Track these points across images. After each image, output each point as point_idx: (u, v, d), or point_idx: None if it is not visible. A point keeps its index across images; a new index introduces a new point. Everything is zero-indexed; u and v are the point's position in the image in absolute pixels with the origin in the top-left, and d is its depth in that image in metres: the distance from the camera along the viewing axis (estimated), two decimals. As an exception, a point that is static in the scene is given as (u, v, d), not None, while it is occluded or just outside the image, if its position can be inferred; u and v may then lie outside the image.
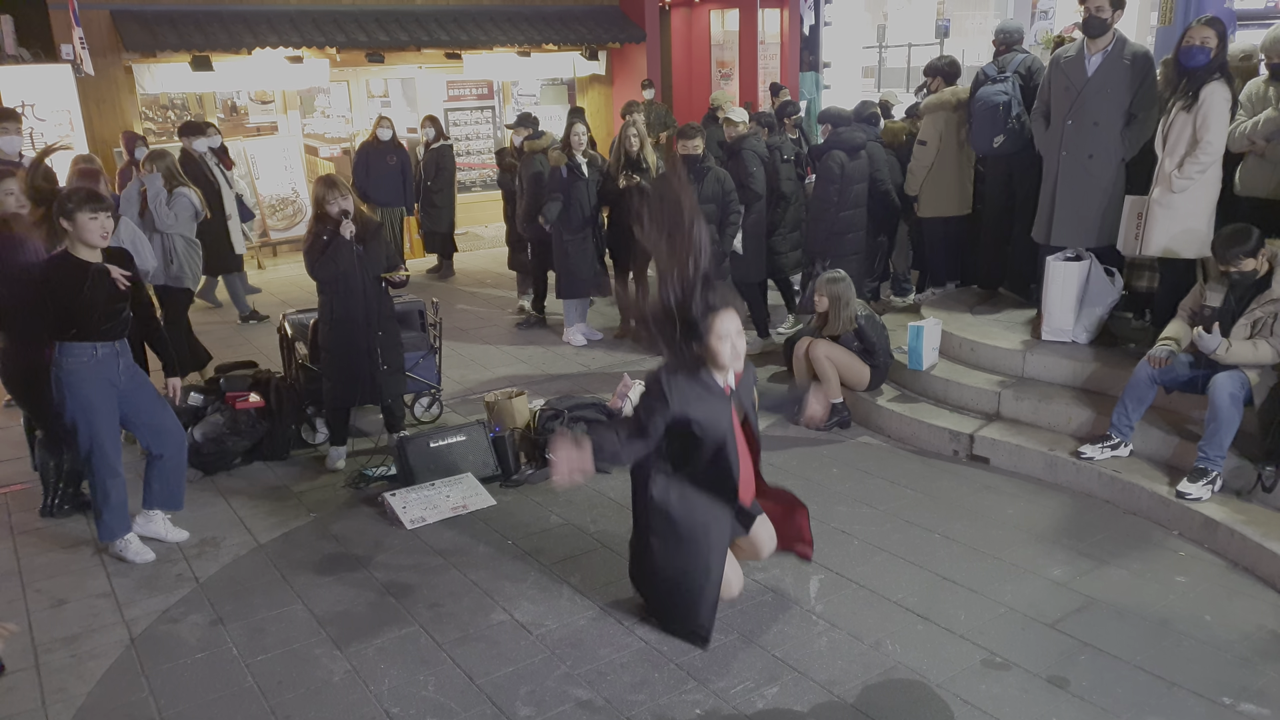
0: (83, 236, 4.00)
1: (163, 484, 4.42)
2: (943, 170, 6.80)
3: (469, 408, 6.12)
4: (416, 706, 3.26)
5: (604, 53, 12.95)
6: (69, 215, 3.97)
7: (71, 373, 4.07)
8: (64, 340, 4.05)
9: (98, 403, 4.11)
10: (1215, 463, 4.28)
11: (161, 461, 4.37)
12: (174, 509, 4.51)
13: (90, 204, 3.98)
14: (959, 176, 6.80)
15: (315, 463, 5.37)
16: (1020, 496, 4.69)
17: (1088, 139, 5.26)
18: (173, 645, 3.66)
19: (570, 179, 7.02)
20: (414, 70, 12.20)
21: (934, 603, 3.78)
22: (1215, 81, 4.78)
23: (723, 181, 6.07)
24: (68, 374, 4.07)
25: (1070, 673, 3.32)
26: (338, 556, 4.32)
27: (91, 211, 3.98)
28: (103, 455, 4.16)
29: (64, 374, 4.07)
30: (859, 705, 3.19)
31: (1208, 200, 4.93)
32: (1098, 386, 5.18)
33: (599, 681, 3.35)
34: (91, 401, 4.09)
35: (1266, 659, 3.38)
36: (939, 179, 6.82)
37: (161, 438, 4.34)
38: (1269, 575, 3.86)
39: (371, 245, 4.99)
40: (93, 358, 4.08)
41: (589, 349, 7.42)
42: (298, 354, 5.72)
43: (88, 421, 4.11)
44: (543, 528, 4.52)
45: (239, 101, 11.68)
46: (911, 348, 5.71)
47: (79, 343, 4.05)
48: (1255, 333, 4.31)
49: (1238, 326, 4.36)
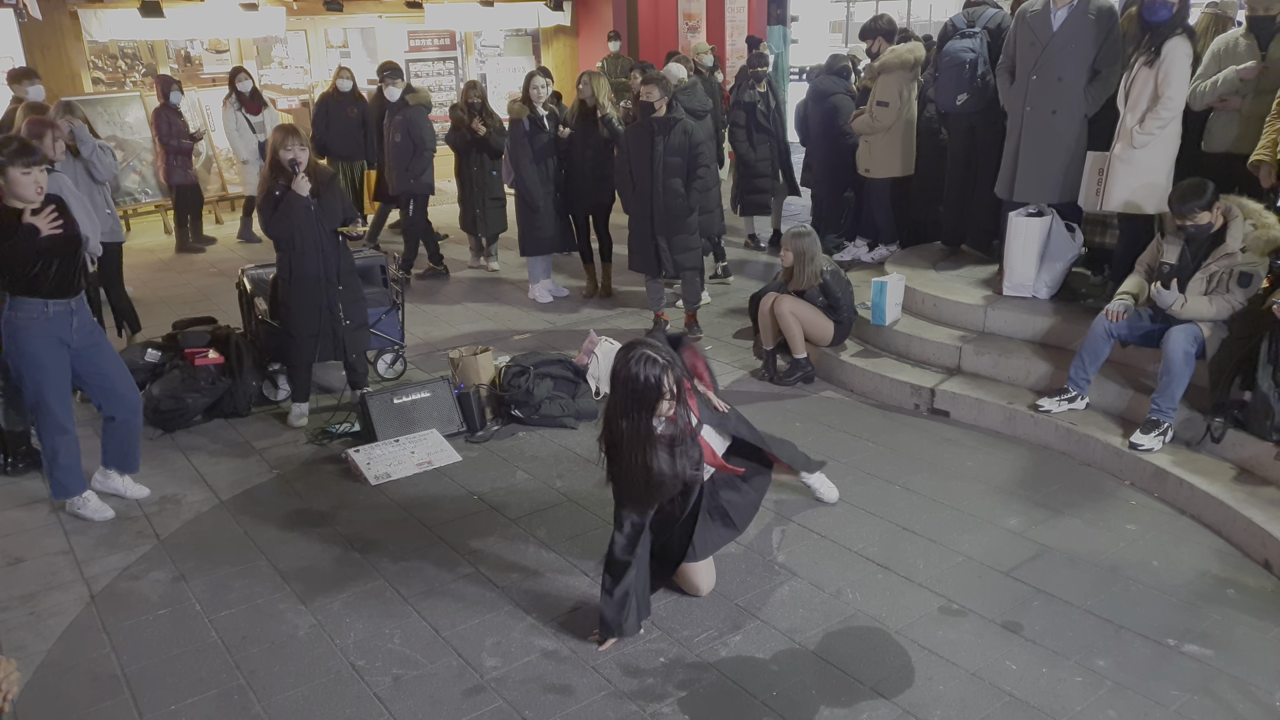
0: (16, 192, 3.83)
1: (116, 446, 4.35)
2: (893, 131, 6.81)
3: (433, 364, 6.08)
4: (382, 659, 3.28)
5: (569, 3, 12.71)
6: (1, 170, 3.81)
7: (20, 329, 3.96)
8: (15, 295, 3.94)
9: (45, 360, 4.01)
10: (1167, 415, 4.38)
11: (113, 425, 4.30)
12: (129, 471, 4.44)
13: (23, 158, 3.80)
14: (907, 137, 6.82)
15: (277, 420, 5.31)
16: (979, 449, 4.78)
17: (1052, 94, 5.28)
18: (134, 602, 3.64)
19: (533, 132, 6.93)
20: (374, 20, 11.91)
21: (894, 552, 3.85)
22: (1177, 37, 4.80)
23: (690, 134, 6.02)
24: (16, 329, 3.96)
25: (1024, 618, 3.42)
26: (301, 513, 4.30)
27: (24, 166, 3.80)
28: (49, 413, 4.08)
29: (13, 329, 3.97)
30: (819, 652, 3.26)
31: (1168, 156, 4.98)
32: (1057, 341, 5.27)
33: (564, 633, 3.39)
34: (39, 359, 3.99)
35: (1210, 602, 3.50)
36: (890, 140, 6.83)
37: (113, 400, 4.25)
38: (1214, 522, 3.98)
39: (327, 198, 4.90)
40: (43, 314, 3.96)
41: (555, 305, 7.38)
42: (258, 309, 5.63)
43: (35, 379, 4.02)
44: (508, 483, 4.53)
45: (193, 51, 11.35)
46: (875, 303, 5.75)
47: (30, 298, 3.94)
48: (1211, 288, 4.39)
49: (1194, 281, 4.43)
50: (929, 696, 3.03)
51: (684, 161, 6.01)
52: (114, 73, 10.66)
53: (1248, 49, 4.96)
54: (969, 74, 6.05)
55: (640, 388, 3.08)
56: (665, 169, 5.99)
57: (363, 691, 3.12)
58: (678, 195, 6.05)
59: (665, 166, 5.98)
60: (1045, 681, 3.09)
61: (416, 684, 3.15)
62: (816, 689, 3.08)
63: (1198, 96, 5.02)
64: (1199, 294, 4.40)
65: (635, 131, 6.13)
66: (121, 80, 10.80)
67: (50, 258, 3.93)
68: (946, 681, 3.10)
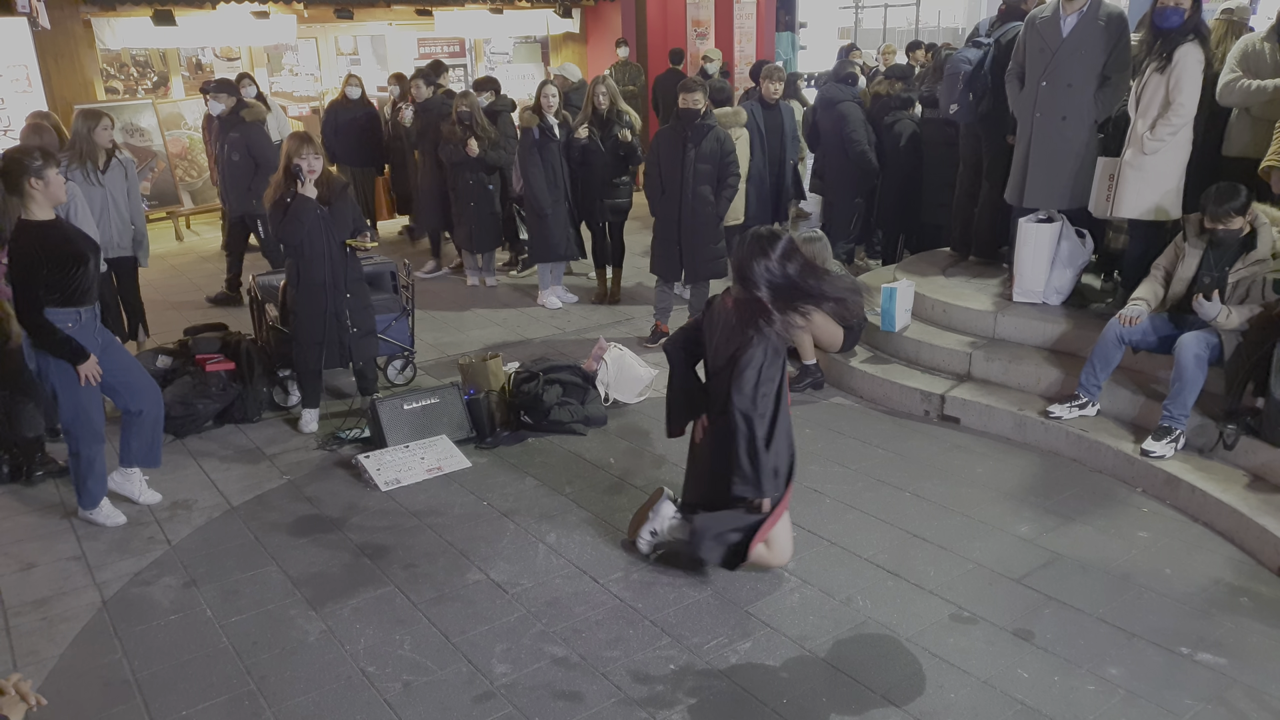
0: (53, 193, 3.86)
1: (141, 441, 4.34)
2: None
3: (443, 370, 6.09)
4: (393, 665, 3.28)
5: (578, 10, 12.75)
6: (39, 174, 3.81)
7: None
8: (52, 308, 3.90)
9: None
10: (1179, 421, 4.36)
11: (140, 418, 4.29)
12: (153, 465, 4.44)
13: (52, 161, 3.87)
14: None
15: (288, 425, 5.33)
16: (989, 456, 4.76)
17: (1061, 100, 5.27)
18: (145, 607, 3.65)
19: (542, 141, 6.94)
20: (384, 27, 11.97)
21: (904, 559, 3.84)
22: (1189, 43, 4.79)
23: (723, 142, 6.02)
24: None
25: (1035, 625, 3.40)
26: (312, 518, 4.31)
27: (57, 167, 3.88)
28: (89, 422, 4.07)
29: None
30: (830, 659, 3.25)
31: (1178, 162, 4.97)
32: (1067, 347, 5.25)
33: (574, 639, 3.39)
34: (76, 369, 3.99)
35: (1223, 610, 3.47)
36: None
37: (137, 395, 4.26)
38: (1227, 530, 3.95)
39: (337, 206, 4.92)
40: (77, 322, 3.97)
41: (564, 312, 7.39)
42: (268, 316, 5.65)
43: (72, 390, 3.99)
44: (518, 489, 4.53)
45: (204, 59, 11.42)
46: (885, 309, 5.74)
47: (64, 309, 3.92)
48: (1244, 295, 4.33)
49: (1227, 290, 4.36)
50: (940, 704, 3.02)
51: (714, 169, 6.02)
52: (127, 80, 10.74)
53: (1271, 52, 4.95)
54: (963, 85, 6.04)
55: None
56: (696, 176, 6.00)
57: (373, 698, 3.12)
58: (707, 203, 6.06)
59: (696, 174, 6.00)
60: (1057, 690, 3.07)
61: (426, 690, 3.15)
62: (827, 696, 3.07)
63: (1228, 92, 4.99)
64: (1235, 303, 4.35)
65: (667, 137, 6.14)
66: (134, 88, 10.88)
67: (82, 264, 3.94)
68: (958, 689, 3.09)
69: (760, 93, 7.15)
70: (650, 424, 5.23)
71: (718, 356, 3.59)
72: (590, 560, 3.89)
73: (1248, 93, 4.95)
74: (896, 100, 7.47)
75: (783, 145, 7.31)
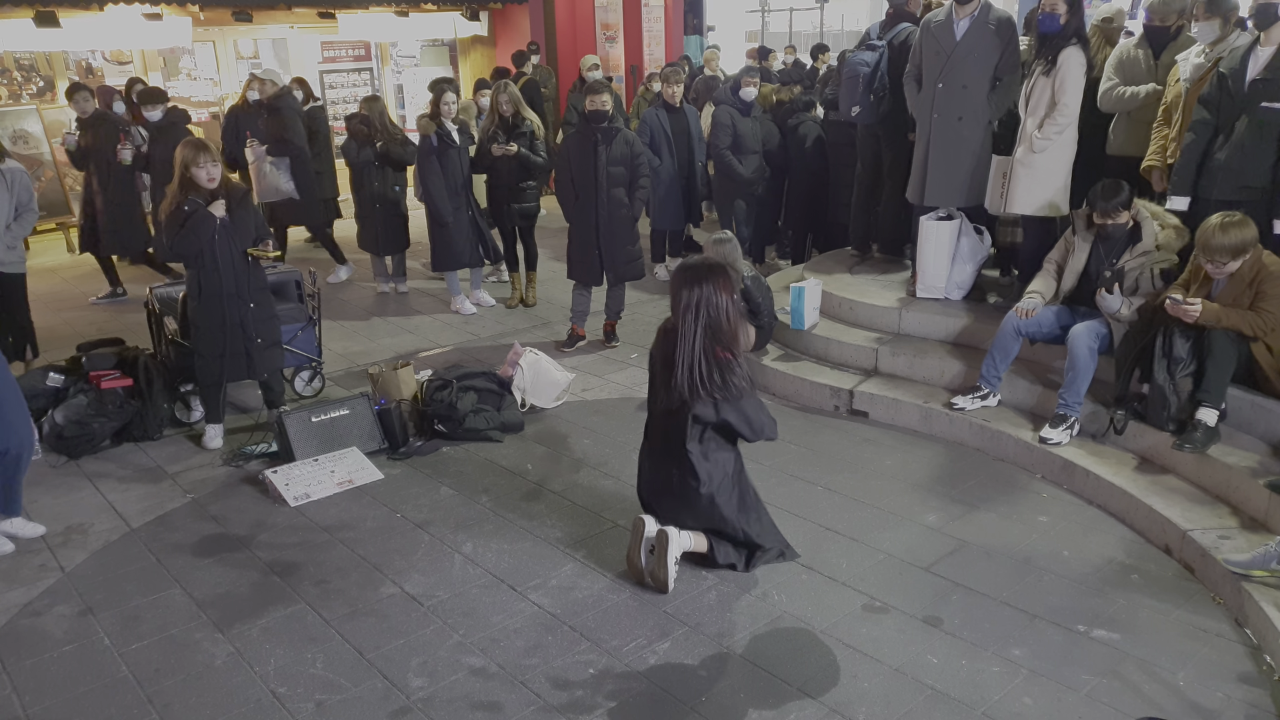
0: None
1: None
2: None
3: (353, 380, 5.96)
4: (305, 684, 3.19)
5: (486, 13, 12.64)
6: None
7: None
8: None
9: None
10: (1074, 409, 4.55)
11: (3, 458, 3.93)
12: (11, 515, 4.10)
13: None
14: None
15: (191, 442, 5.14)
16: (897, 448, 4.89)
17: (957, 101, 5.45)
18: (36, 639, 3.48)
19: (441, 148, 6.84)
20: (285, 30, 11.65)
21: (817, 552, 3.92)
22: (1071, 47, 5.02)
23: (632, 144, 6.03)
24: None
25: (944, 612, 3.51)
26: (217, 538, 4.17)
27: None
28: None
29: None
30: (747, 655, 3.29)
31: (1065, 160, 5.19)
32: (969, 340, 5.43)
33: (492, 648, 3.36)
34: None
35: (1116, 588, 3.64)
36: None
37: (4, 429, 3.89)
38: (1119, 511, 4.15)
39: (239, 214, 4.76)
40: None
41: (479, 317, 7.32)
42: (167, 329, 5.44)
43: None
44: (433, 499, 4.47)
45: (94, 62, 10.94)
46: (794, 308, 5.84)
47: None
48: (1134, 286, 4.53)
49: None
50: (854, 694, 3.09)
51: (627, 171, 6.03)
52: (11, 85, 10.21)
53: (1145, 58, 5.21)
54: (863, 87, 6.20)
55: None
56: (609, 179, 6.00)
57: (285, 719, 3.04)
58: (621, 205, 6.07)
59: (609, 176, 5.99)
60: (965, 673, 3.18)
61: (340, 709, 3.08)
62: (745, 692, 3.11)
63: (1106, 100, 5.24)
64: (1127, 294, 4.55)
65: (577, 141, 6.11)
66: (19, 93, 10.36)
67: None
68: (871, 678, 3.16)
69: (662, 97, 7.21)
70: (568, 428, 5.21)
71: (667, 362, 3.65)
72: (508, 569, 3.86)
73: (1123, 99, 5.21)
74: (799, 103, 7.63)
75: (690, 147, 7.38)
